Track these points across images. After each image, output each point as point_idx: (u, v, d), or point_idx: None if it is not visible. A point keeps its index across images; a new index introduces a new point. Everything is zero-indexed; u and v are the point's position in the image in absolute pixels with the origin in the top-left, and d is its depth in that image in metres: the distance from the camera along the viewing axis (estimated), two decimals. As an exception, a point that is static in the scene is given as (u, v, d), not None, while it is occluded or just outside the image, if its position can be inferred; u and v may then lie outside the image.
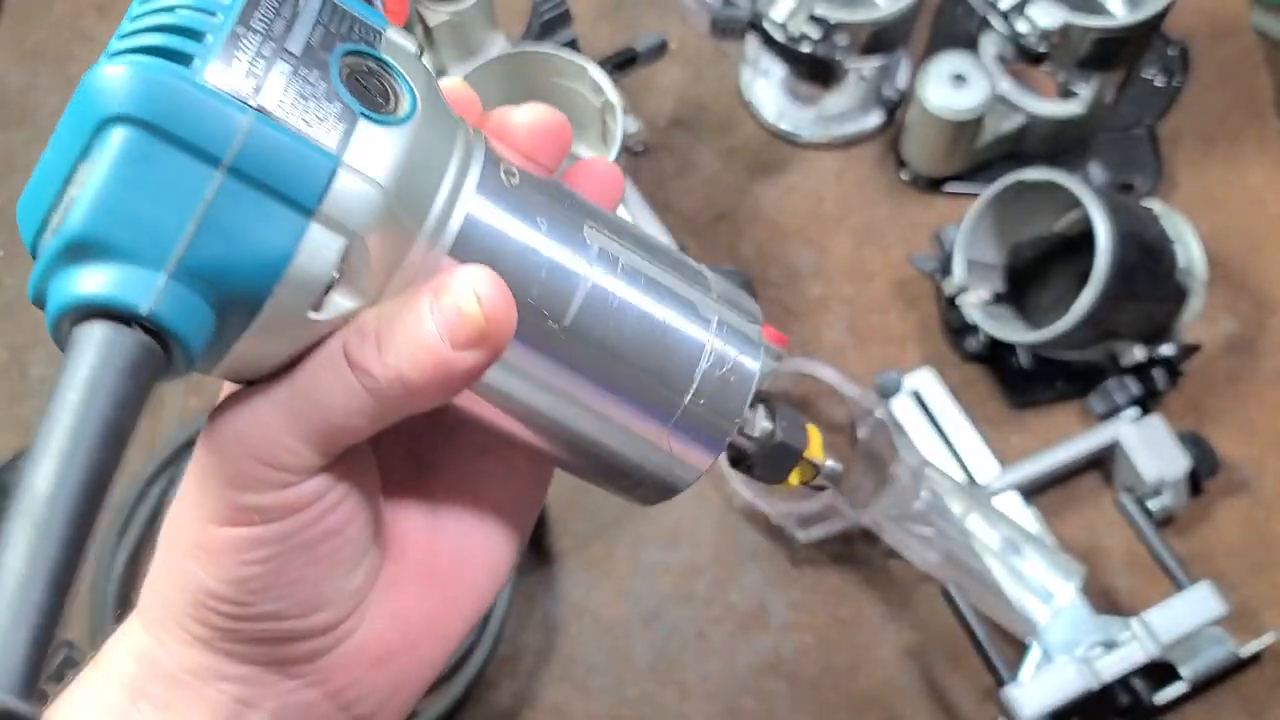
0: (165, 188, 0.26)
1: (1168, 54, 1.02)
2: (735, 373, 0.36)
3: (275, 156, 0.27)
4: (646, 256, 0.35)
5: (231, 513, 0.31)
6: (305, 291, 0.29)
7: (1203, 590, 0.77)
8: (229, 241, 0.27)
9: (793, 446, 0.39)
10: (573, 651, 0.83)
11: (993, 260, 0.91)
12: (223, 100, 0.27)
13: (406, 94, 0.30)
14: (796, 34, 0.88)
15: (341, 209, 0.28)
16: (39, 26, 1.07)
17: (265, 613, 0.32)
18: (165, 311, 0.26)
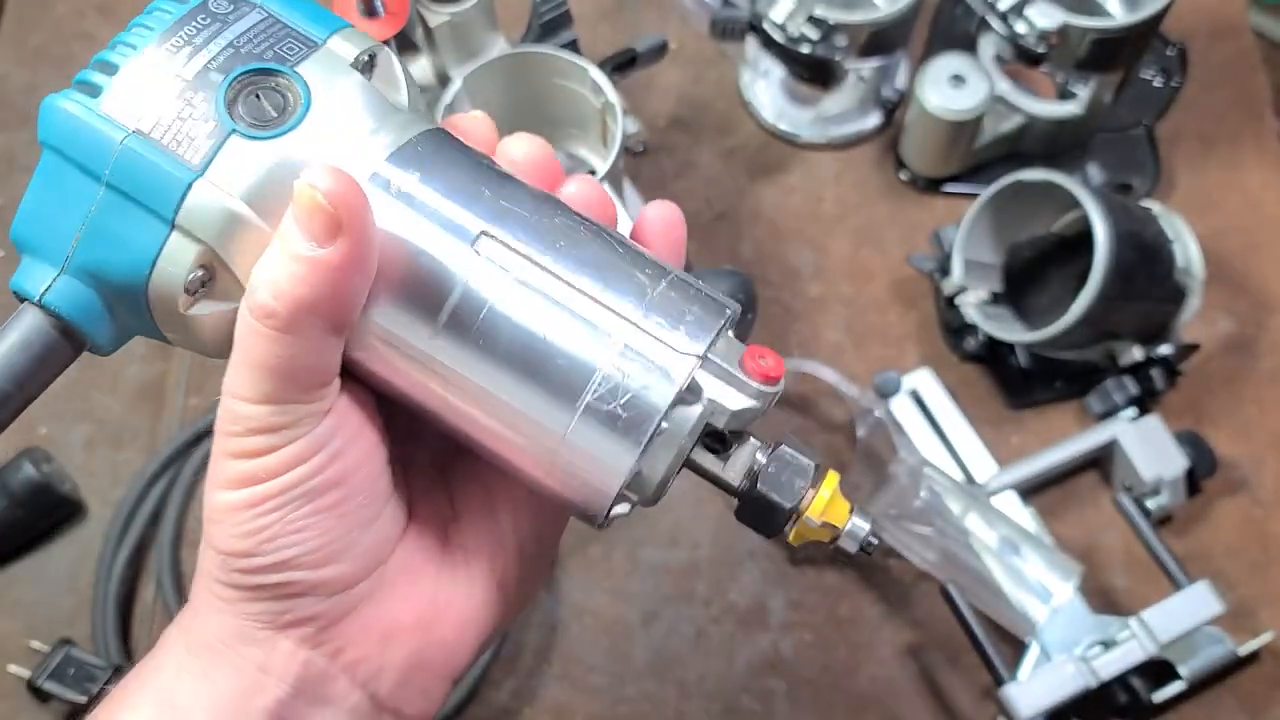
0: (64, 199, 0.32)
1: (1166, 55, 1.02)
2: (631, 407, 0.33)
3: (141, 173, 0.32)
4: (557, 268, 0.33)
5: (236, 478, 0.34)
6: (171, 292, 0.33)
7: (1201, 589, 0.77)
8: (109, 245, 0.33)
9: (769, 498, 0.35)
10: (573, 651, 0.84)
11: (991, 260, 0.91)
12: (106, 124, 0.32)
13: (301, 103, 0.33)
14: (796, 35, 0.88)
15: (195, 221, 0.32)
16: (40, 27, 1.08)
17: (278, 561, 0.35)
18: (56, 300, 0.33)
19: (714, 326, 0.34)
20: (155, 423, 0.91)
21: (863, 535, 0.37)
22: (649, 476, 0.35)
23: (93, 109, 0.32)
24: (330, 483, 0.35)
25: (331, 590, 0.36)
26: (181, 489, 0.87)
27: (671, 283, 0.35)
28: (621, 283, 0.34)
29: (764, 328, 0.93)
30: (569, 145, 0.92)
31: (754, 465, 0.36)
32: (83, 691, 0.77)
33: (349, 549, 0.36)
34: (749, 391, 0.35)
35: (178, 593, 0.84)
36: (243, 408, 0.34)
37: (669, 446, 0.34)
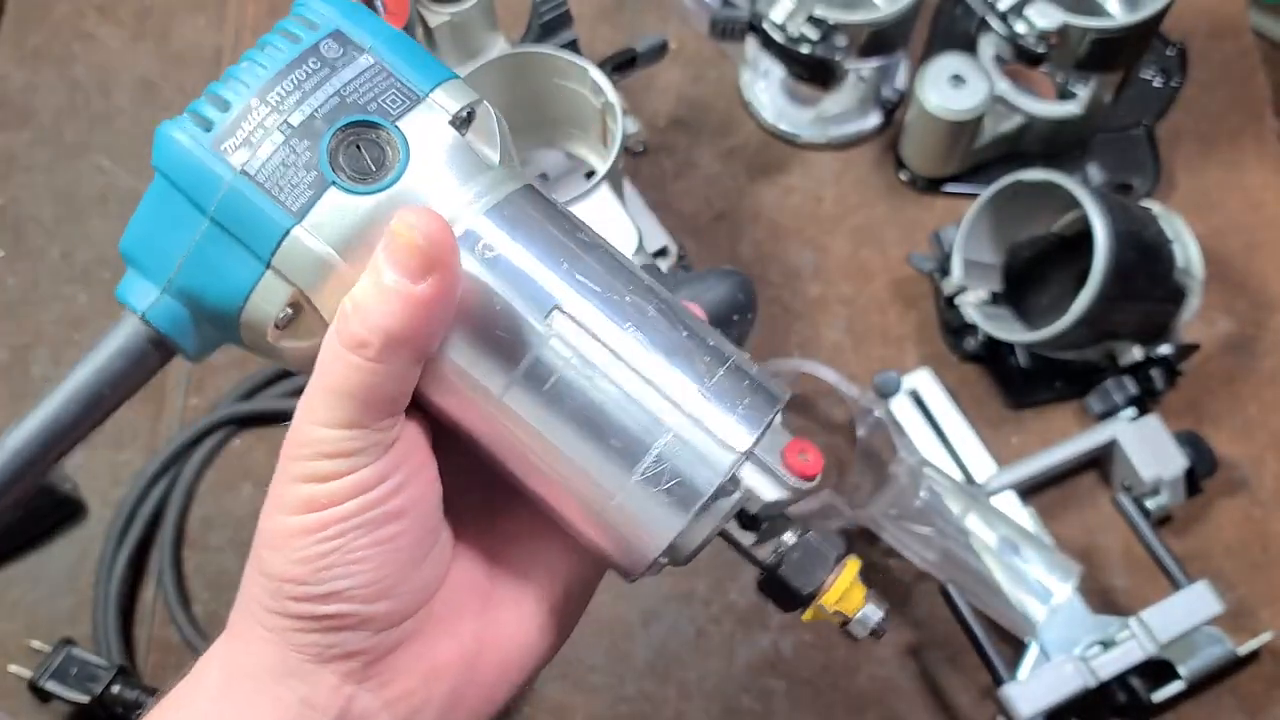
0: (171, 224, 0.35)
1: (1166, 54, 1.02)
2: (676, 492, 0.35)
3: (244, 214, 0.34)
4: (624, 347, 0.35)
5: (301, 502, 0.35)
6: (261, 324, 0.35)
7: (1200, 589, 0.77)
8: (207, 274, 0.35)
9: (789, 583, 0.38)
10: (573, 650, 0.84)
11: (991, 260, 0.91)
12: (216, 162, 0.34)
13: (400, 159, 0.35)
14: (795, 35, 0.88)
15: (289, 265, 0.34)
16: (40, 27, 1.08)
17: (333, 591, 0.35)
18: (157, 317, 0.36)
19: (761, 422, 0.36)
20: (156, 423, 0.91)
21: (873, 623, 0.39)
22: (683, 546, 0.37)
23: (204, 144, 0.34)
24: (391, 515, 0.36)
25: (380, 626, 0.37)
26: (182, 489, 0.87)
27: (729, 370, 0.36)
28: (681, 368, 0.36)
29: (764, 328, 0.93)
30: (569, 145, 0.92)
31: (780, 546, 0.38)
32: (85, 691, 0.77)
33: (401, 584, 0.37)
34: (784, 486, 0.37)
35: (178, 593, 0.84)
36: (318, 431, 0.35)
37: (705, 524, 0.37)
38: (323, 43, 0.35)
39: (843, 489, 0.86)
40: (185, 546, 0.86)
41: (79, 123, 1.03)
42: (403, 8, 0.78)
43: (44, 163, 1.01)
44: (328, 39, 0.36)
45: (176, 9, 1.08)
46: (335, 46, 0.36)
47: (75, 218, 0.99)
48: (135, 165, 1.01)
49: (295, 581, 0.35)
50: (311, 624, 0.36)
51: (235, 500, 0.88)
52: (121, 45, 1.07)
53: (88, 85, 1.05)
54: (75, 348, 0.94)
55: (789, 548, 0.38)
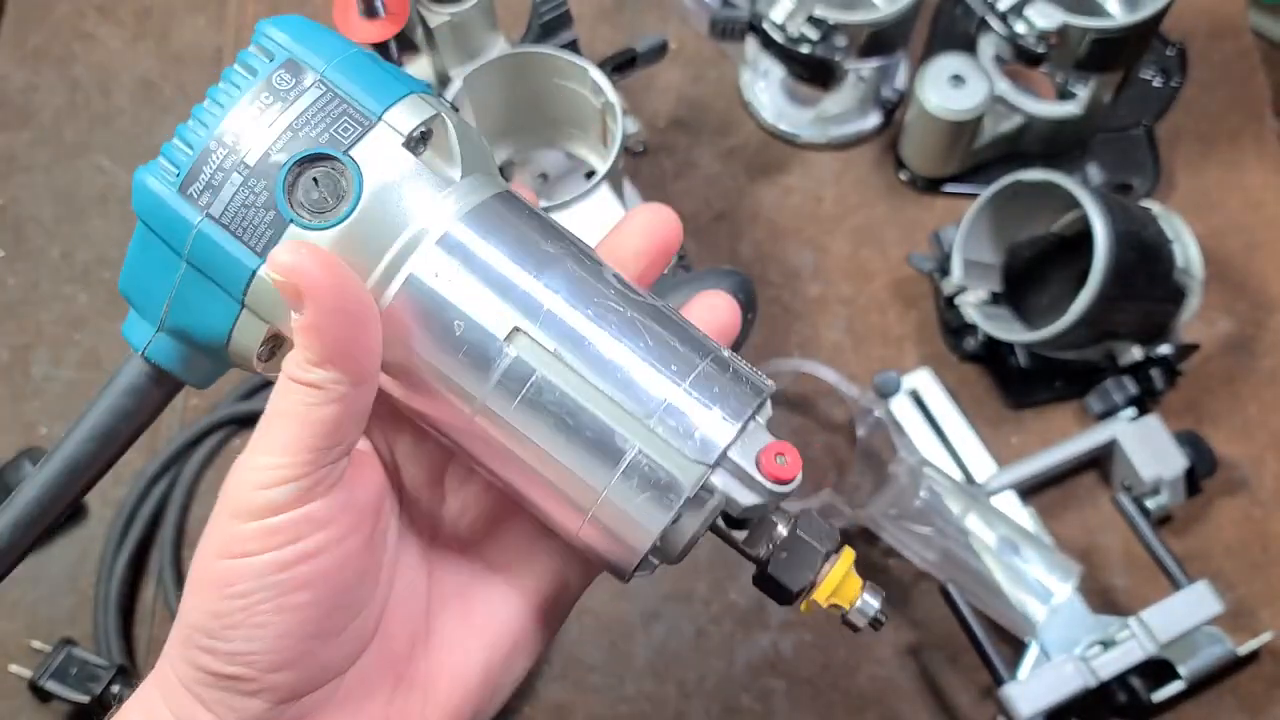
0: (154, 266, 0.36)
1: (1166, 55, 1.03)
2: (644, 507, 0.35)
3: (213, 257, 0.35)
4: (590, 359, 0.35)
5: (226, 543, 0.35)
6: (246, 357, 0.37)
7: (1200, 589, 0.77)
8: (192, 313, 0.37)
9: (779, 581, 0.37)
10: (573, 650, 0.84)
11: (991, 260, 0.91)
12: (183, 207, 0.35)
13: (354, 192, 0.35)
14: (795, 35, 0.89)
15: (260, 303, 0.35)
16: (41, 27, 1.08)
17: (233, 651, 0.35)
18: (156, 353, 0.38)
19: (729, 433, 0.35)
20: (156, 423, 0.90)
21: (872, 613, 0.39)
22: (669, 547, 0.37)
23: (173, 189, 0.35)
24: (300, 581, 0.35)
25: (278, 698, 0.36)
26: (182, 489, 0.87)
27: (698, 377, 0.36)
28: (647, 381, 0.35)
29: (764, 328, 0.93)
30: (569, 145, 0.92)
31: (773, 538, 0.38)
32: (85, 691, 0.78)
33: (303, 659, 0.36)
34: (759, 491, 0.36)
35: (179, 592, 0.84)
36: (260, 458, 0.35)
37: (689, 523, 0.36)
38: (275, 75, 0.35)
39: (843, 489, 0.86)
40: (185, 546, 0.86)
41: (79, 123, 1.03)
42: (403, 8, 0.78)
43: (44, 163, 1.01)
44: (280, 70, 0.36)
45: (176, 9, 1.08)
46: (287, 78, 0.36)
47: (75, 218, 0.99)
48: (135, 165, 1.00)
49: (202, 632, 0.35)
50: (214, 679, 0.35)
51: (235, 500, 0.88)
52: (121, 45, 1.07)
53: (88, 85, 1.05)
54: (75, 348, 0.94)
55: (778, 545, 0.38)
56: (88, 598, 0.84)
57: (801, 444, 0.89)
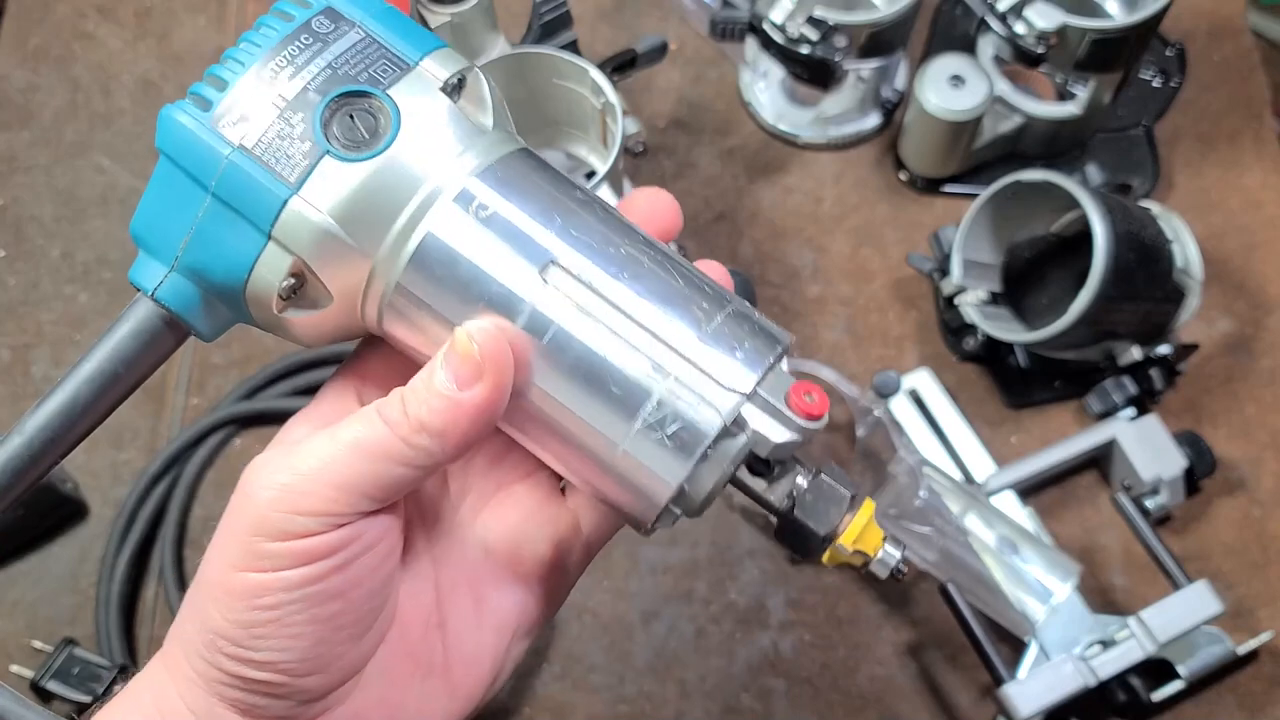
0: (175, 203, 0.35)
1: (1165, 55, 1.03)
2: (679, 437, 0.35)
3: (243, 187, 0.34)
4: (620, 298, 0.35)
5: (251, 559, 0.35)
6: (265, 296, 0.36)
7: (1200, 589, 0.77)
8: (212, 249, 0.35)
9: (805, 525, 0.37)
10: (573, 650, 0.84)
11: (990, 260, 0.91)
12: (214, 139, 0.35)
13: (391, 126, 0.35)
14: (795, 36, 0.89)
15: (289, 235, 0.35)
16: (41, 27, 1.08)
17: (265, 660, 0.35)
18: (167, 294, 0.36)
19: (763, 364, 0.36)
20: (156, 422, 0.91)
21: (894, 563, 0.39)
22: (694, 494, 0.37)
23: (203, 123, 0.35)
24: (332, 592, 0.35)
25: (309, 698, 0.36)
26: (183, 489, 0.87)
27: (728, 316, 0.36)
28: (679, 315, 0.36)
29: (764, 328, 0.93)
30: (569, 145, 0.92)
31: (794, 490, 0.38)
32: (87, 691, 0.78)
33: (334, 662, 0.36)
34: (792, 426, 0.37)
35: (180, 592, 0.84)
36: (298, 480, 0.34)
37: (713, 469, 0.36)
38: (314, 19, 0.36)
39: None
40: (186, 546, 0.87)
41: (79, 123, 1.03)
42: (403, 8, 0.78)
43: (44, 163, 1.01)
44: (319, 15, 0.36)
45: (176, 9, 1.08)
46: (326, 22, 0.36)
47: (75, 218, 0.99)
48: (135, 165, 1.01)
49: (229, 640, 0.35)
50: (239, 681, 0.35)
51: (236, 500, 0.88)
52: (122, 45, 1.07)
53: (88, 85, 1.05)
54: (75, 348, 0.94)
55: (803, 490, 0.38)
56: (89, 598, 0.84)
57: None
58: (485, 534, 0.42)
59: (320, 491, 0.34)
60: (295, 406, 0.88)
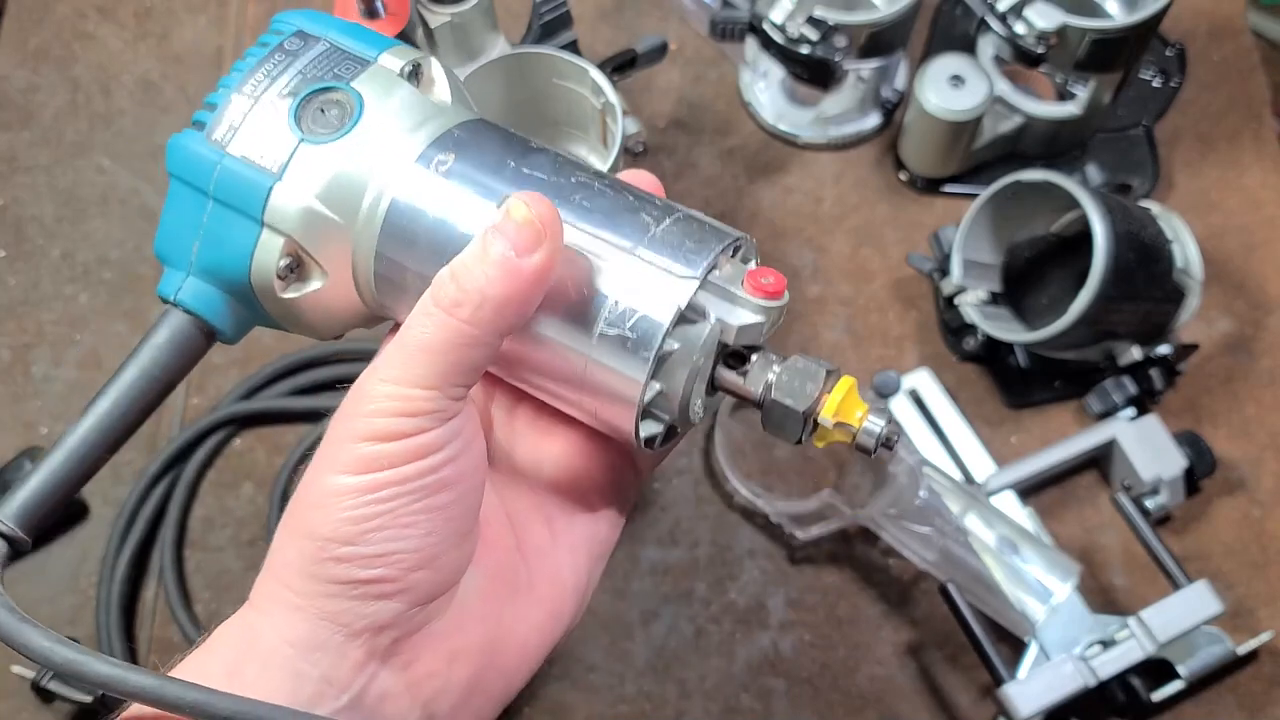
0: (185, 215, 0.40)
1: (1165, 55, 1.03)
2: (638, 329, 0.37)
3: (235, 185, 0.39)
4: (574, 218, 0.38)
5: (363, 462, 0.36)
6: (268, 280, 0.40)
7: (1200, 589, 0.77)
8: (218, 246, 0.40)
9: (783, 404, 0.38)
10: (573, 650, 0.84)
11: (990, 260, 0.91)
12: (210, 151, 0.39)
13: (355, 109, 0.40)
14: (795, 36, 0.89)
15: (278, 219, 0.39)
16: (41, 27, 1.08)
17: (378, 554, 0.36)
18: (187, 298, 0.41)
19: (711, 251, 0.38)
20: (156, 423, 0.91)
21: (879, 431, 0.38)
22: (671, 394, 0.38)
23: (200, 140, 0.40)
24: (444, 482, 0.36)
25: (415, 599, 0.37)
26: (183, 489, 0.87)
27: (676, 220, 0.39)
28: (629, 224, 0.38)
29: (764, 328, 0.93)
30: (569, 145, 0.92)
31: (768, 378, 0.39)
32: (87, 691, 0.78)
33: (442, 555, 0.37)
34: (751, 307, 0.38)
35: (180, 592, 0.84)
36: (390, 388, 0.36)
37: (683, 364, 0.38)
38: (286, 41, 0.41)
39: (843, 489, 0.86)
40: (186, 546, 0.87)
41: (79, 123, 1.03)
42: (403, 9, 0.78)
43: (44, 163, 1.01)
44: (291, 38, 0.41)
45: (176, 9, 1.08)
46: (297, 42, 0.41)
47: (76, 218, 0.99)
48: (136, 165, 1.01)
49: (340, 541, 0.35)
50: (348, 588, 0.36)
51: (236, 500, 0.88)
52: (122, 45, 1.07)
53: (88, 85, 1.05)
54: (75, 347, 0.94)
55: (777, 374, 0.39)
56: (89, 598, 0.84)
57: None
58: (542, 464, 0.43)
59: (414, 394, 0.36)
60: (295, 406, 0.90)
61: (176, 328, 0.41)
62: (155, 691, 0.33)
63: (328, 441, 0.37)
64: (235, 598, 0.38)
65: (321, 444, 0.37)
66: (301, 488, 0.37)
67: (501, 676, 0.40)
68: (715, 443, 0.88)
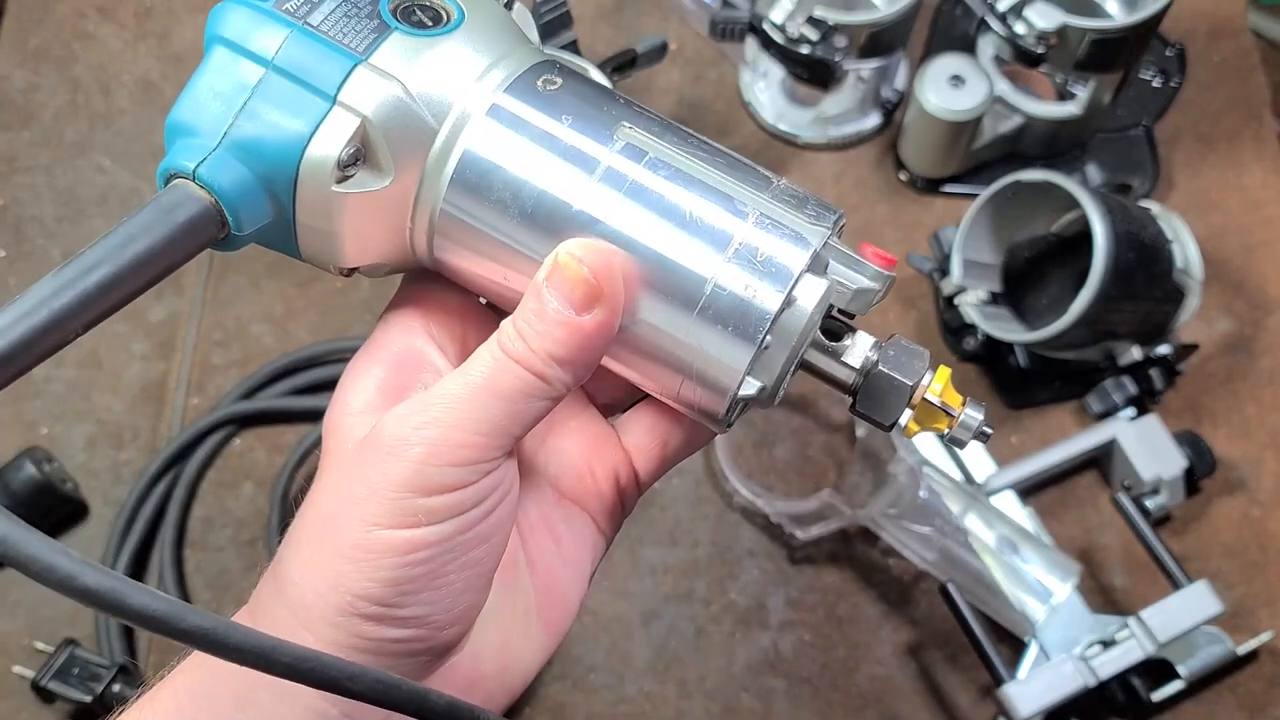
0: (227, 84, 0.35)
1: (1165, 55, 1.03)
2: (770, 264, 0.35)
3: (308, 56, 0.35)
4: (688, 156, 0.36)
5: (402, 516, 0.34)
6: (323, 166, 0.35)
7: (1200, 589, 0.77)
8: (268, 120, 0.35)
9: (895, 379, 0.37)
10: (573, 650, 0.84)
11: (990, 260, 0.91)
12: (276, 18, 0.35)
13: (455, 15, 0.37)
14: (795, 36, 0.89)
15: (357, 98, 0.35)
16: (41, 27, 1.08)
17: (411, 616, 0.34)
18: (209, 172, 0.34)
19: (835, 211, 0.37)
20: (156, 423, 0.91)
21: (976, 425, 0.38)
22: (773, 359, 0.36)
23: (265, 6, 0.36)
24: (481, 538, 0.35)
25: (442, 651, 0.36)
26: (183, 489, 0.87)
27: (789, 183, 0.38)
28: (751, 176, 0.37)
29: (764, 328, 0.93)
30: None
31: (869, 356, 0.38)
32: (87, 691, 0.78)
33: (472, 610, 0.36)
34: (868, 273, 0.38)
35: (180, 592, 0.84)
36: (446, 433, 0.34)
37: (796, 325, 0.36)
38: None
39: (843, 489, 0.86)
40: (186, 546, 0.87)
41: (79, 123, 1.03)
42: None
43: (45, 163, 1.01)
44: None
45: (176, 9, 1.08)
46: None
47: (76, 218, 0.99)
48: (136, 165, 1.01)
49: (372, 601, 0.34)
50: (376, 644, 0.34)
51: (236, 500, 0.88)
52: (122, 45, 1.07)
53: (88, 85, 1.05)
54: (75, 348, 0.93)
55: (882, 351, 0.38)
56: (89, 597, 0.84)
57: (801, 444, 0.89)
58: (548, 469, 0.42)
59: (471, 440, 0.34)
60: (295, 406, 0.90)
61: (185, 204, 0.34)
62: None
63: (370, 478, 0.34)
64: (235, 597, 0.38)
65: (358, 477, 0.34)
66: (330, 522, 0.35)
67: (507, 694, 0.40)
68: (715, 443, 0.88)
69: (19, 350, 0.30)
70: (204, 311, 0.94)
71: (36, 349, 0.31)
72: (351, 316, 0.94)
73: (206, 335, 0.93)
